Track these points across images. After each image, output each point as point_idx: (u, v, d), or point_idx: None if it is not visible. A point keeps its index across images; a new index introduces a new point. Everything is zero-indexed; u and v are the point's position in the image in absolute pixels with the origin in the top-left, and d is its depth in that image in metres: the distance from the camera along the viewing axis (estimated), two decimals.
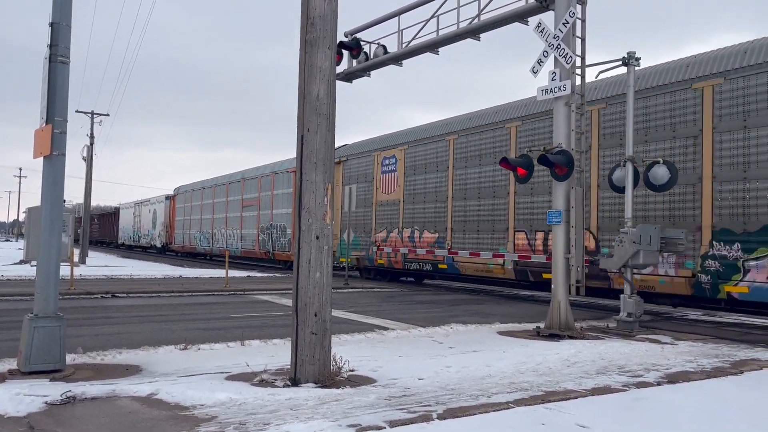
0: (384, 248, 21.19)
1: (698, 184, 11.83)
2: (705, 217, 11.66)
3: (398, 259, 20.52)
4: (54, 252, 6.77)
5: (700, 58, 12.34)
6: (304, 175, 6.43)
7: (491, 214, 16.85)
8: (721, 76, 11.62)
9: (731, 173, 11.32)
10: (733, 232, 11.20)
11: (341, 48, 13.96)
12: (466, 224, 17.70)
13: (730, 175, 11.33)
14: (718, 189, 11.51)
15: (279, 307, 13.50)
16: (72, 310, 11.36)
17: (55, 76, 6.76)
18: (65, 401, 5.38)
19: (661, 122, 12.58)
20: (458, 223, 18.02)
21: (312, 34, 6.51)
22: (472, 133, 17.78)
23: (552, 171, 10.43)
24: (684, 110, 12.22)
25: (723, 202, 11.41)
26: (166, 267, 28.47)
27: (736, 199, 11.22)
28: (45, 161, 6.81)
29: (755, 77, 11.11)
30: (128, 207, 58.25)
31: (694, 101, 12.05)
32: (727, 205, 11.34)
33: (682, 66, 12.54)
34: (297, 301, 6.35)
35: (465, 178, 17.89)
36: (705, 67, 12.01)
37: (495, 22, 11.83)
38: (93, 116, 34.91)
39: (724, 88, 11.57)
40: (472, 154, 17.67)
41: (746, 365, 7.77)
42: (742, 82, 11.28)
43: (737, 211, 11.20)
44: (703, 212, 11.72)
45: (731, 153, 11.37)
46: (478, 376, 6.77)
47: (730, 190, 11.34)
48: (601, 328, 10.95)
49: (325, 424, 4.79)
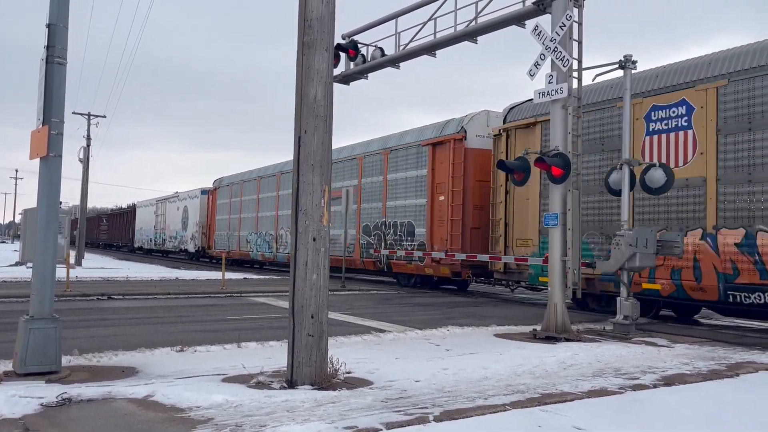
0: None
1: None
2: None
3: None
4: (50, 254, 6.75)
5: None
6: (301, 177, 6.43)
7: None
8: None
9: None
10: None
11: (338, 50, 13.95)
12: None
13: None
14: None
15: (276, 309, 13.49)
16: (68, 312, 11.33)
17: (51, 77, 6.76)
18: (61, 403, 5.37)
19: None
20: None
21: (309, 36, 6.52)
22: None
23: (549, 174, 10.45)
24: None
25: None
26: (162, 269, 28.40)
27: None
28: (41, 162, 6.80)
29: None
30: (147, 205, 50.14)
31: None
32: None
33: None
34: (294, 303, 6.35)
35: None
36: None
37: (492, 25, 11.84)
38: (90, 118, 34.90)
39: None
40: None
41: (742, 368, 7.79)
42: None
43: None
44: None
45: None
46: (475, 378, 6.77)
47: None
48: (597, 331, 10.96)
49: (321, 426, 4.78)
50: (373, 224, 21.67)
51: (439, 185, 18.71)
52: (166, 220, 44.20)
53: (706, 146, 11.64)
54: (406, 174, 20.25)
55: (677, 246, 10.55)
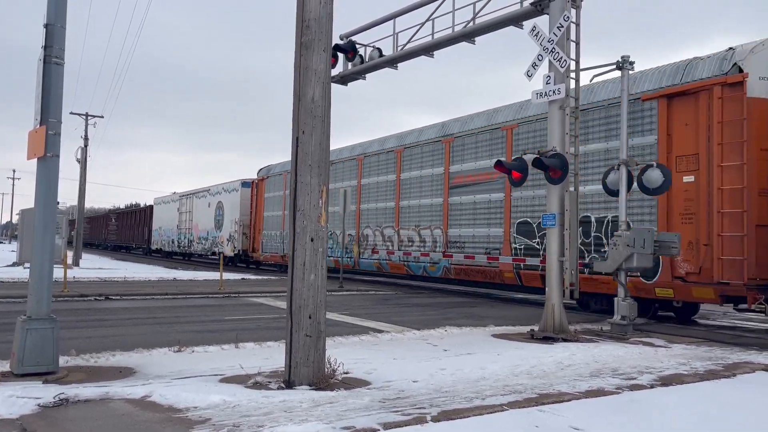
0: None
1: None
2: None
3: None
4: (47, 254, 6.75)
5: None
6: (298, 177, 6.43)
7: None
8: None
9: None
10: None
11: (336, 51, 13.96)
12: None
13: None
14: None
15: (273, 310, 13.49)
16: (65, 313, 11.31)
17: (49, 78, 6.75)
18: (58, 403, 5.36)
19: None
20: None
21: (307, 37, 6.52)
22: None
23: (546, 174, 10.46)
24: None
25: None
26: (160, 269, 28.37)
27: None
28: (39, 163, 6.79)
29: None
30: (168, 201, 43.32)
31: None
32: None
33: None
34: (291, 304, 6.35)
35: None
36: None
37: (490, 25, 11.86)
38: (87, 118, 34.88)
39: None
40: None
41: (739, 368, 7.81)
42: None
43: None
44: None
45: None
46: (473, 378, 6.78)
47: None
48: (594, 331, 10.98)
49: (319, 426, 4.78)
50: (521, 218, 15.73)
51: (683, 160, 12.08)
52: (193, 218, 38.00)
53: None
54: (605, 145, 13.57)
55: (674, 246, 10.57)
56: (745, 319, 13.48)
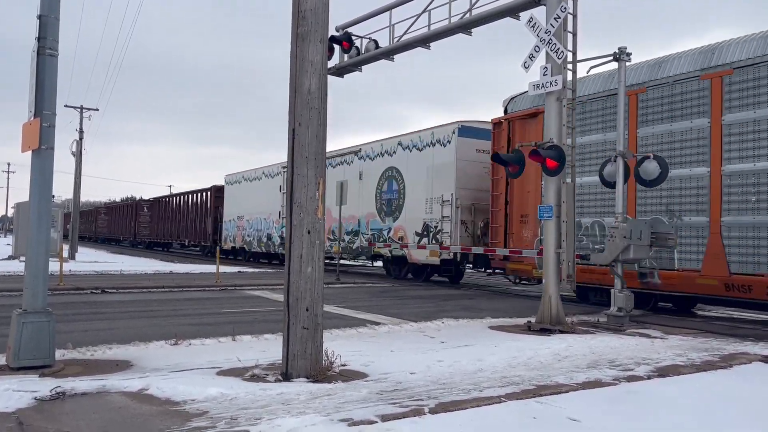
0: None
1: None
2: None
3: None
4: (42, 247, 6.72)
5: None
6: (295, 170, 6.40)
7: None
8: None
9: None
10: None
11: (332, 42, 13.90)
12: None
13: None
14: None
15: (270, 303, 13.47)
16: (61, 306, 11.28)
17: (43, 69, 6.70)
18: (55, 397, 5.35)
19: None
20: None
21: (303, 28, 6.48)
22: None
23: (543, 166, 10.45)
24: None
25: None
26: (156, 262, 28.34)
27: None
28: (33, 155, 6.74)
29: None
30: (260, 176, 29.40)
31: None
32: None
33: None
34: (288, 296, 6.34)
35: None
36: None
37: (486, 17, 11.81)
38: (82, 111, 34.72)
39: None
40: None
41: (735, 359, 7.83)
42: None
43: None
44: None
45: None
46: (470, 370, 6.78)
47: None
48: (591, 323, 11.00)
49: (316, 418, 4.78)
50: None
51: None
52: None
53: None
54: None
55: (671, 238, 10.58)
56: (740, 310, 13.52)
